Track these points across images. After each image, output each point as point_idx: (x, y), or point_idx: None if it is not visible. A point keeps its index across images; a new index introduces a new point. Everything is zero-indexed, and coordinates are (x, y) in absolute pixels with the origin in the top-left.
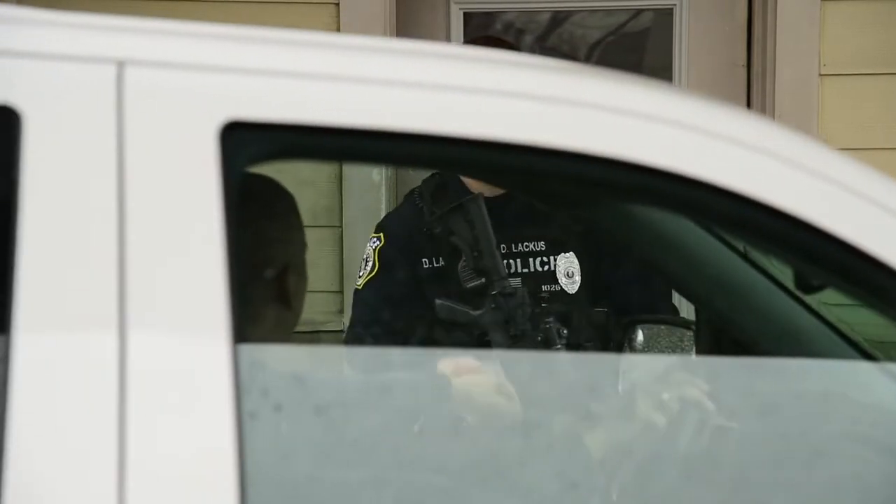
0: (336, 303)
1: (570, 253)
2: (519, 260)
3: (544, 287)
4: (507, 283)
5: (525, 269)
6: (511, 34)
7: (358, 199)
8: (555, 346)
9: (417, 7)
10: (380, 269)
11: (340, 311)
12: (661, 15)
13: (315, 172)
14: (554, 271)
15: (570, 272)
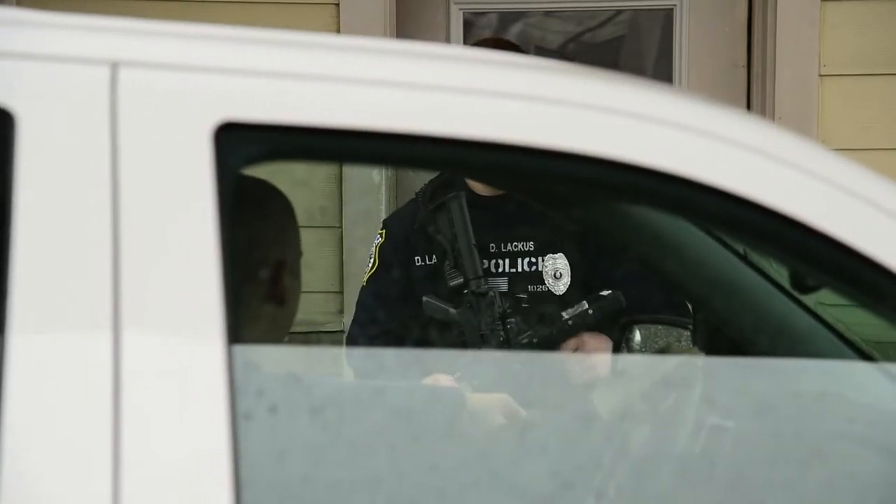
0: (336, 303)
1: (558, 254)
2: (507, 259)
3: (531, 287)
4: (482, 282)
5: (513, 269)
6: (511, 34)
7: (358, 199)
8: (516, 347)
9: (417, 7)
10: (379, 266)
11: (340, 312)
12: (662, 15)
13: (314, 173)
14: (541, 272)
15: (557, 273)
